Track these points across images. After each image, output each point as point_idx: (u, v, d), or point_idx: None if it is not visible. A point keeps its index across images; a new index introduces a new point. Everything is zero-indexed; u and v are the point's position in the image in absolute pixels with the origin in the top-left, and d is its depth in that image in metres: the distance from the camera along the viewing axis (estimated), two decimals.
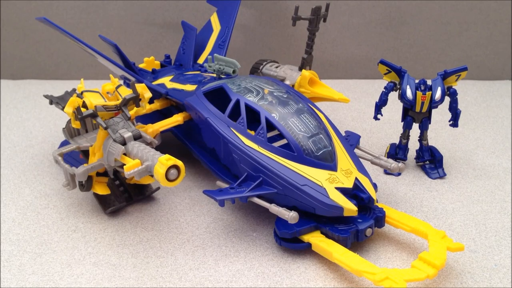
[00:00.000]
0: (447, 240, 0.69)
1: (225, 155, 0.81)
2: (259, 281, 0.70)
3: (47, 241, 0.78)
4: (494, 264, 0.72)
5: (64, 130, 0.87)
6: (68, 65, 1.40)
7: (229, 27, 1.09)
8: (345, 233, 0.70)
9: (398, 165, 0.80)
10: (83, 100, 0.74)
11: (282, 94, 0.81)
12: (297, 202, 0.72)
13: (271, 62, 1.04)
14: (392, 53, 1.35)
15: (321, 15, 1.00)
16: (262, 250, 0.75)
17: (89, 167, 0.77)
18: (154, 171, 0.67)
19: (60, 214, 0.84)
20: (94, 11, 1.33)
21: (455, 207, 0.84)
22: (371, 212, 0.74)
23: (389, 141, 1.02)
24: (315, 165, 0.73)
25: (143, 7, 1.32)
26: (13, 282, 0.70)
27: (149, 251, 0.75)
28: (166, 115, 0.95)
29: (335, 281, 0.69)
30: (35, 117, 1.19)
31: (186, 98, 0.87)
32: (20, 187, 0.91)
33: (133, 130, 0.75)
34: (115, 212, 0.84)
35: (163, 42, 1.36)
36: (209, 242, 0.77)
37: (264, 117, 0.77)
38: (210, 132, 0.81)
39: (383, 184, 0.91)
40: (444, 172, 0.93)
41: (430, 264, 0.65)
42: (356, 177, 0.74)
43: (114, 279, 0.70)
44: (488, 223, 0.80)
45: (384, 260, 0.73)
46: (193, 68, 1.05)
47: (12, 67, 1.40)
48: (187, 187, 0.91)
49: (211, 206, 0.85)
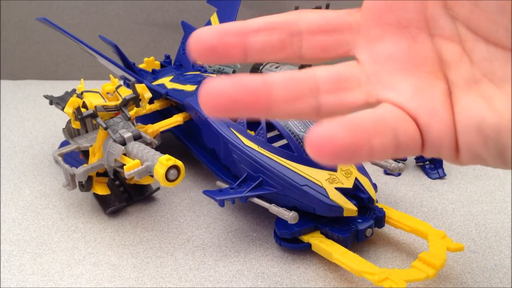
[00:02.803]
0: (447, 240, 0.69)
1: (225, 155, 0.81)
2: (259, 281, 0.70)
3: (47, 241, 0.78)
4: (494, 264, 0.72)
5: (64, 130, 0.87)
6: (68, 65, 1.40)
7: None
8: (345, 233, 0.70)
9: (398, 165, 0.80)
10: (83, 100, 0.75)
11: None
12: (297, 202, 0.72)
13: (271, 62, 1.04)
14: None
15: None
16: (262, 250, 0.75)
17: (89, 167, 0.77)
18: (154, 171, 0.67)
19: (60, 214, 0.84)
20: (94, 11, 1.33)
21: (455, 207, 0.84)
22: (371, 212, 0.74)
23: None
24: (315, 165, 0.73)
25: (143, 7, 1.32)
26: (13, 282, 0.70)
27: (149, 251, 0.75)
28: (166, 115, 0.95)
29: (335, 281, 0.69)
30: (35, 117, 1.19)
31: (186, 99, 0.87)
32: (20, 187, 0.91)
33: (133, 131, 0.75)
34: (115, 212, 0.84)
35: (163, 42, 1.36)
36: (209, 242, 0.77)
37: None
38: (210, 132, 0.81)
39: (383, 184, 0.91)
40: (444, 172, 0.93)
41: (430, 264, 0.65)
42: (356, 177, 0.74)
43: (114, 279, 0.70)
44: (488, 223, 0.80)
45: (384, 260, 0.73)
46: (193, 69, 1.05)
47: (12, 67, 1.40)
48: (187, 187, 0.91)
49: (211, 206, 0.85)
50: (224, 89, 0.34)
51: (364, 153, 0.34)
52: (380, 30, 0.38)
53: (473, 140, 0.35)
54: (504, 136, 0.33)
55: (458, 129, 0.36)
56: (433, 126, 0.36)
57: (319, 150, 0.32)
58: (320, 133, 0.32)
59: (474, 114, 0.35)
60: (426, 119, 0.36)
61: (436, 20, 0.37)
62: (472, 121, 0.35)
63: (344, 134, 0.32)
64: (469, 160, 0.36)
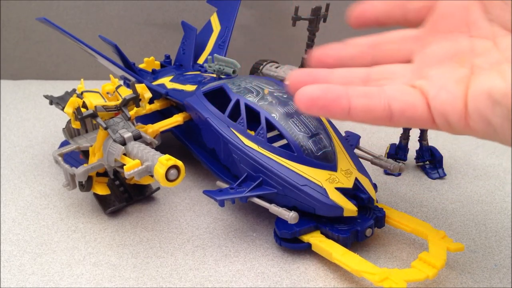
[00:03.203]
0: (447, 240, 0.69)
1: (225, 155, 0.81)
2: (259, 281, 0.70)
3: (47, 241, 0.78)
4: (494, 264, 0.72)
5: (64, 130, 0.87)
6: (68, 65, 1.40)
7: (229, 27, 1.09)
8: (345, 233, 0.70)
9: (398, 166, 0.80)
10: (83, 100, 0.75)
11: (282, 94, 0.81)
12: (297, 202, 0.72)
13: (271, 62, 1.04)
14: None
15: (321, 15, 1.00)
16: (262, 250, 0.75)
17: (89, 167, 0.77)
18: (154, 171, 0.67)
19: (60, 214, 0.84)
20: (94, 11, 1.33)
21: (455, 207, 0.84)
22: (371, 212, 0.74)
23: (389, 141, 1.02)
24: (315, 165, 0.73)
25: (143, 7, 1.32)
26: (13, 282, 0.70)
27: (149, 251, 0.75)
28: (166, 115, 0.95)
29: (335, 281, 0.69)
30: (35, 117, 1.19)
31: (186, 98, 0.87)
32: (20, 187, 0.91)
33: (133, 130, 0.75)
34: (115, 212, 0.84)
35: (163, 42, 1.36)
36: (209, 242, 0.77)
37: (264, 117, 0.77)
38: (210, 132, 0.81)
39: (383, 184, 0.91)
40: (444, 172, 0.93)
41: (430, 264, 0.65)
42: (356, 177, 0.74)
43: (114, 279, 0.70)
44: (488, 223, 0.80)
45: (384, 260, 0.73)
46: (193, 69, 1.05)
47: (12, 67, 1.40)
48: (187, 187, 0.91)
49: (211, 206, 0.85)
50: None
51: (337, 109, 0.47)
52: (432, 37, 0.50)
53: (482, 104, 0.42)
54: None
55: (468, 97, 0.43)
56: (440, 96, 0.45)
57: (298, 101, 0.48)
58: (301, 90, 0.48)
59: (486, 83, 0.42)
60: (434, 92, 0.45)
61: (476, 24, 0.47)
62: (482, 89, 0.42)
63: (316, 91, 0.48)
64: (477, 124, 0.43)
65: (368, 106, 0.47)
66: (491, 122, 0.42)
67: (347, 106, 0.47)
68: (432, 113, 0.46)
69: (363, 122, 0.49)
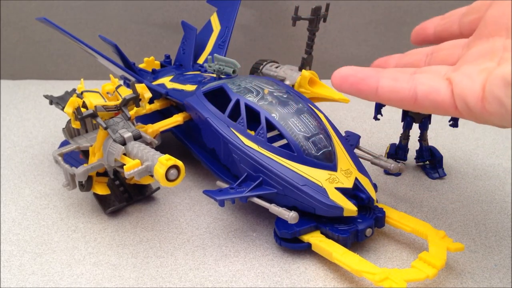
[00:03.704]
0: (447, 240, 0.69)
1: (225, 155, 0.81)
2: (259, 281, 0.70)
3: (47, 241, 0.78)
4: (494, 264, 0.72)
5: (64, 130, 0.87)
6: (68, 65, 1.40)
7: (229, 27, 1.09)
8: (345, 233, 0.70)
9: (398, 166, 0.80)
10: (83, 100, 0.74)
11: (282, 94, 0.81)
12: (297, 202, 0.72)
13: (271, 62, 1.04)
14: (392, 53, 1.34)
15: (321, 15, 1.00)
16: (262, 250, 0.75)
17: (89, 167, 0.77)
18: (154, 171, 0.67)
19: (60, 214, 0.84)
20: (94, 11, 1.33)
21: (455, 207, 0.84)
22: (371, 212, 0.74)
23: (389, 141, 1.02)
24: (315, 165, 0.73)
25: (143, 7, 1.32)
26: (13, 282, 0.70)
27: (149, 251, 0.75)
28: (166, 115, 0.95)
29: (335, 281, 0.69)
30: (35, 117, 1.19)
31: (186, 98, 0.87)
32: (20, 187, 0.91)
33: (133, 130, 0.75)
34: (115, 212, 0.84)
35: (163, 42, 1.36)
36: (209, 242, 0.77)
37: (264, 117, 0.77)
38: (210, 132, 0.81)
39: (383, 184, 0.91)
40: (444, 172, 0.93)
41: (430, 264, 0.65)
42: (356, 177, 0.74)
43: (114, 279, 0.70)
44: (488, 223, 0.80)
45: (384, 260, 0.73)
46: (193, 68, 1.05)
47: (12, 67, 1.40)
48: (187, 187, 0.91)
49: (211, 206, 0.85)
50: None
51: (365, 87, 0.54)
52: (475, 42, 0.55)
53: (497, 86, 0.46)
54: None
55: (487, 82, 0.47)
56: (462, 82, 0.50)
57: (333, 78, 0.55)
58: (337, 70, 0.56)
59: (504, 70, 0.46)
60: (458, 79, 0.50)
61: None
62: (500, 74, 0.46)
63: (349, 71, 0.56)
64: (491, 106, 0.47)
65: (395, 87, 0.53)
66: (503, 103, 0.46)
67: (375, 85, 0.53)
68: (454, 99, 0.50)
69: (390, 103, 0.54)
